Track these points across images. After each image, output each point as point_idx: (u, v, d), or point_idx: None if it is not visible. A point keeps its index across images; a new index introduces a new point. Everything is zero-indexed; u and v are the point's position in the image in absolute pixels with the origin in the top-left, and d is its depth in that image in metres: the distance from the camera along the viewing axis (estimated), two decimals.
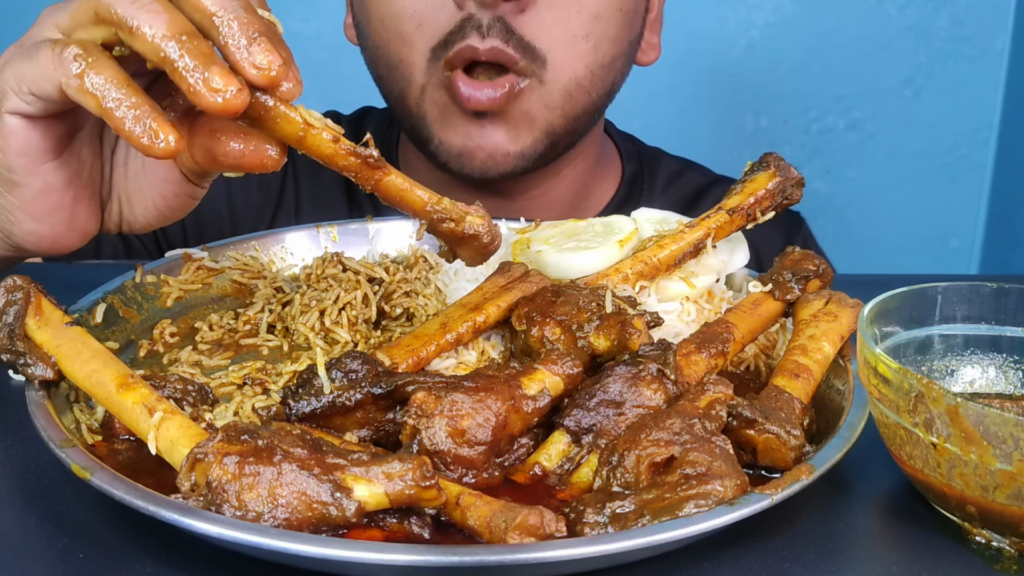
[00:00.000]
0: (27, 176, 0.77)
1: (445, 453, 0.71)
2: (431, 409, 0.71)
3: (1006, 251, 2.52)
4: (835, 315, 0.87)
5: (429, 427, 0.71)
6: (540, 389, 0.75)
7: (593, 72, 1.18)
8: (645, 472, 0.67)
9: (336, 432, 0.76)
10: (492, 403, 0.72)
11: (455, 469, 0.71)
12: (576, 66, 1.16)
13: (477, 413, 0.72)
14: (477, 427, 0.72)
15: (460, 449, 0.71)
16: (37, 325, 0.78)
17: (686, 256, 0.94)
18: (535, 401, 0.75)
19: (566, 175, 1.34)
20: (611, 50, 1.19)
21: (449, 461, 0.71)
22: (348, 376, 0.76)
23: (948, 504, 0.70)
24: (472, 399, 0.72)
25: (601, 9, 1.15)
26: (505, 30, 1.11)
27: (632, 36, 1.24)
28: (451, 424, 0.71)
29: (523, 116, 1.18)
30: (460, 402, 0.72)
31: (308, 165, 1.39)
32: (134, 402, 0.71)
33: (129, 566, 0.65)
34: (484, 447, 0.72)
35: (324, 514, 0.62)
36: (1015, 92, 2.45)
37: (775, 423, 0.72)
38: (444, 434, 0.71)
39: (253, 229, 1.34)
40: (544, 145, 1.21)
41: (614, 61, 1.20)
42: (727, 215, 0.96)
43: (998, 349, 0.83)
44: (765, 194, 0.97)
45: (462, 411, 0.71)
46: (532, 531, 0.62)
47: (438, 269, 1.04)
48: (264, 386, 0.85)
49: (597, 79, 1.19)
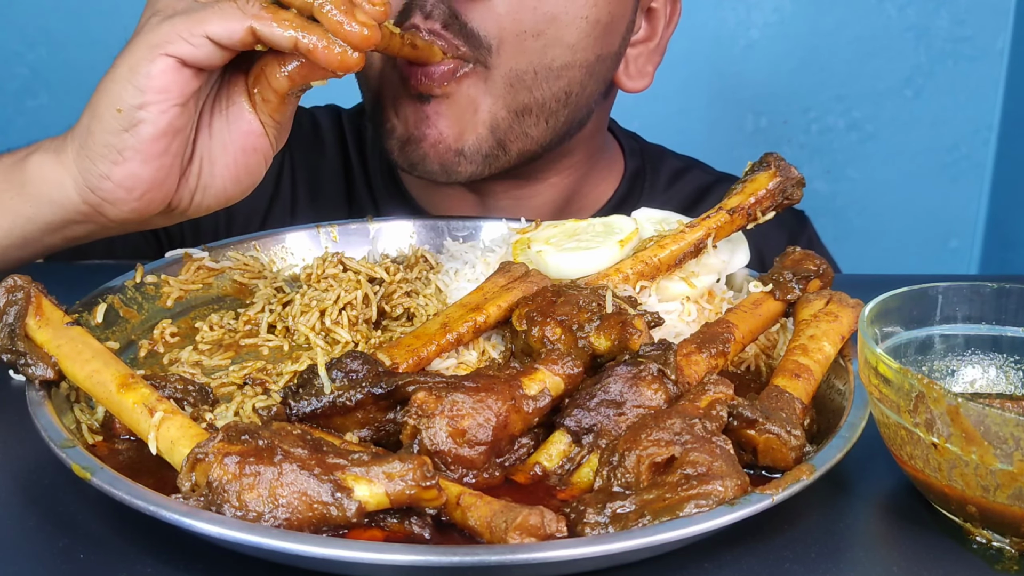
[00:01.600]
0: (157, 115, 0.85)
1: (446, 453, 0.71)
2: (432, 409, 0.71)
3: (1006, 251, 2.52)
4: (836, 315, 0.87)
5: (430, 427, 0.71)
6: (541, 389, 0.75)
7: (537, 71, 1.14)
8: (645, 472, 0.67)
9: (336, 432, 0.76)
10: (493, 403, 0.72)
11: (455, 469, 0.71)
12: (519, 59, 1.13)
13: (478, 413, 0.72)
14: (478, 427, 0.71)
15: (461, 449, 0.71)
16: (38, 325, 0.78)
17: (687, 256, 0.94)
18: (535, 401, 0.75)
19: (554, 182, 1.32)
20: (564, 56, 1.15)
21: (450, 461, 0.71)
22: (348, 376, 0.76)
23: (948, 504, 0.70)
24: (473, 399, 0.72)
25: (561, 12, 1.12)
26: (448, 14, 1.09)
27: (603, 51, 1.19)
28: (452, 424, 0.71)
29: (467, 103, 1.14)
30: (461, 402, 0.72)
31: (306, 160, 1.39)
32: (135, 402, 0.71)
33: (129, 566, 0.65)
34: (484, 447, 0.72)
35: (325, 514, 0.62)
36: (1015, 92, 2.45)
37: (776, 423, 0.72)
38: (445, 434, 0.71)
39: (247, 224, 1.34)
40: (489, 144, 1.17)
41: (566, 68, 1.16)
42: (727, 215, 0.96)
43: (999, 349, 0.83)
44: (765, 194, 0.97)
45: (463, 411, 0.71)
46: (533, 531, 0.62)
47: (438, 269, 1.04)
48: (264, 386, 0.85)
49: (541, 79, 1.15)
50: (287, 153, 1.38)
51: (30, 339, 0.78)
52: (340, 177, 1.40)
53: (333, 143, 1.41)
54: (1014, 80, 2.45)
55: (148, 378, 0.76)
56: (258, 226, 1.36)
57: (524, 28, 1.12)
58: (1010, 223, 2.50)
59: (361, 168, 1.40)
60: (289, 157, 1.38)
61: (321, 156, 1.40)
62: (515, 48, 1.12)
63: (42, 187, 0.91)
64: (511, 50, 1.12)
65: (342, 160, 1.40)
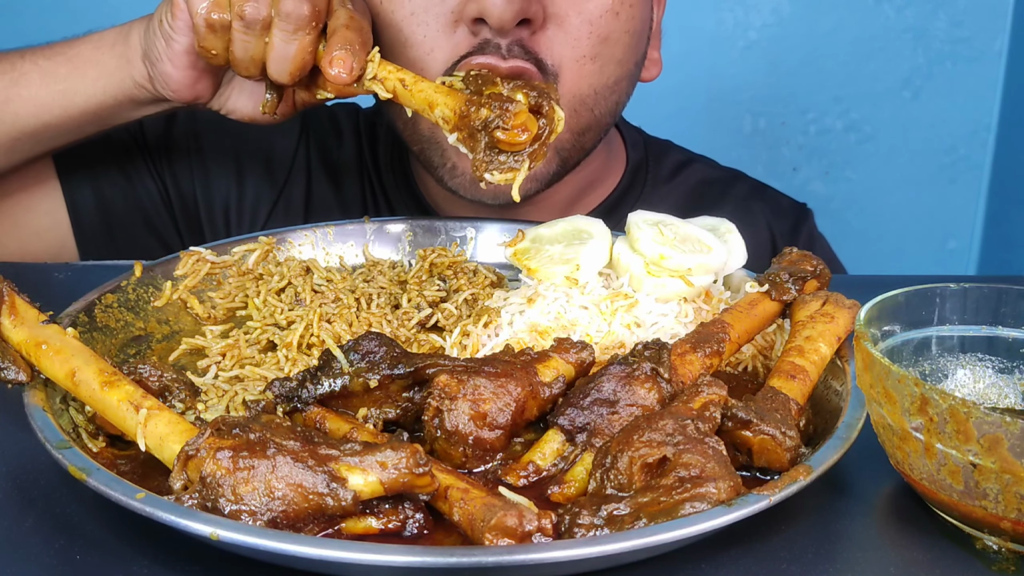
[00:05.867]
0: (179, 34, 1.04)
1: (466, 435, 0.72)
2: (454, 392, 0.73)
3: (1004, 252, 2.52)
4: (832, 316, 0.87)
5: (452, 409, 0.73)
6: (555, 376, 0.77)
7: (597, 91, 1.18)
8: (638, 473, 0.67)
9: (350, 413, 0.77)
10: (512, 388, 0.74)
11: (473, 452, 0.73)
12: (581, 84, 1.16)
13: (498, 398, 0.74)
14: (498, 411, 0.73)
15: (481, 431, 0.73)
16: (12, 325, 0.76)
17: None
18: (551, 388, 0.77)
19: (568, 180, 1.34)
20: (616, 72, 1.19)
21: (470, 443, 0.73)
22: (366, 358, 0.77)
23: (944, 506, 0.70)
24: (494, 384, 0.74)
25: (610, 31, 1.16)
26: (524, 51, 1.11)
27: (637, 57, 1.24)
28: (474, 408, 0.73)
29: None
30: (482, 386, 0.74)
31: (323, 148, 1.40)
32: (119, 399, 0.70)
33: (126, 566, 0.65)
34: (503, 431, 0.74)
35: (321, 504, 0.63)
36: (1013, 93, 2.45)
37: (770, 424, 0.72)
38: (467, 417, 0.73)
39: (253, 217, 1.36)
40: (556, 165, 1.21)
41: (618, 82, 1.20)
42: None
43: (995, 350, 0.83)
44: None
45: (484, 395, 0.73)
46: (509, 532, 0.62)
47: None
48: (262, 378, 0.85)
49: (600, 98, 1.19)
50: (305, 139, 1.41)
51: (4, 340, 0.76)
52: (354, 168, 1.43)
53: (350, 137, 1.44)
54: (1012, 81, 2.45)
55: (131, 373, 0.75)
56: (270, 207, 1.38)
57: (583, 53, 1.14)
58: (1008, 224, 2.50)
59: (373, 162, 1.42)
60: (305, 144, 1.41)
61: (339, 148, 1.43)
62: (576, 73, 1.15)
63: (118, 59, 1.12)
64: (572, 76, 1.15)
65: (357, 152, 1.43)
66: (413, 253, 1.15)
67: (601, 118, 1.22)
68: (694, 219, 1.03)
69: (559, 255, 0.99)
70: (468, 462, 0.74)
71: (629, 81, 1.24)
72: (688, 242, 0.98)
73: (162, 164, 1.35)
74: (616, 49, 1.17)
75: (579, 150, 1.23)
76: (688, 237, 0.98)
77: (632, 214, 1.01)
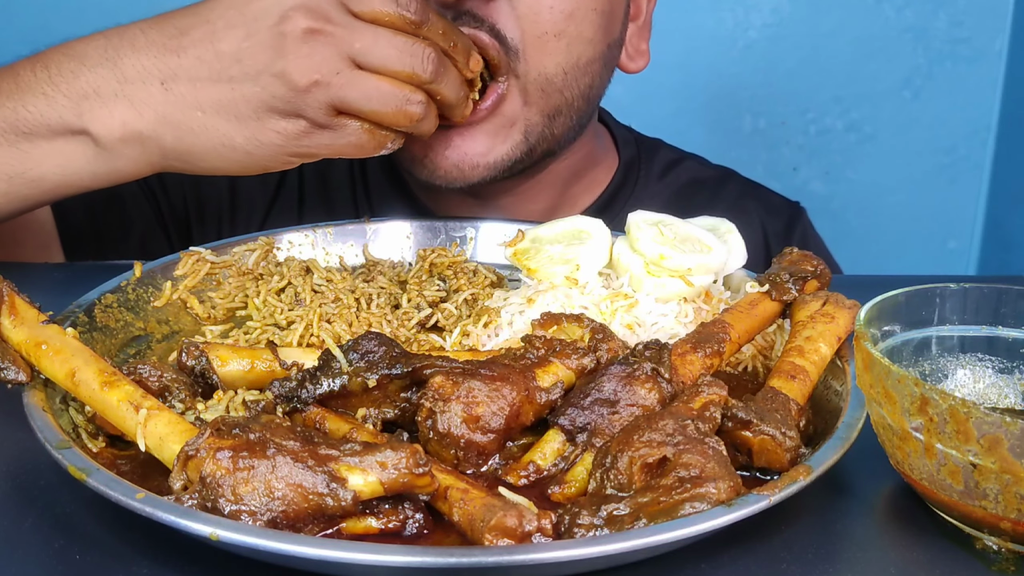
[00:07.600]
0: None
1: (458, 437, 0.72)
2: (448, 394, 0.73)
3: (1004, 252, 2.52)
4: (832, 316, 0.87)
5: (445, 411, 0.72)
6: (554, 382, 0.77)
7: (566, 71, 1.14)
8: (638, 473, 0.67)
9: (348, 412, 0.77)
10: (507, 392, 0.74)
11: (465, 455, 0.73)
12: (546, 62, 1.12)
13: (492, 401, 0.73)
14: (491, 415, 0.73)
15: (473, 435, 0.73)
16: (12, 325, 0.76)
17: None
18: (548, 393, 0.77)
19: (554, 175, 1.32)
20: (587, 51, 1.15)
21: (461, 445, 0.72)
22: (365, 358, 0.77)
23: (944, 506, 0.70)
24: (489, 387, 0.74)
25: (575, 8, 1.12)
26: (474, 19, 1.09)
27: (611, 39, 1.20)
28: (466, 410, 0.72)
29: (503, 121, 1.14)
30: (476, 389, 0.73)
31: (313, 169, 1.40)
32: (119, 399, 0.70)
33: (126, 567, 0.65)
34: (496, 435, 0.73)
35: (321, 504, 0.63)
36: (1013, 93, 2.45)
37: (770, 424, 0.72)
38: (459, 419, 0.72)
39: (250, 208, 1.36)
40: (522, 151, 1.17)
41: (590, 63, 1.16)
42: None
43: (995, 350, 0.83)
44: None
45: (478, 398, 0.73)
46: (508, 533, 0.62)
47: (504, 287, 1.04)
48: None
49: (571, 79, 1.15)
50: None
51: (4, 340, 0.76)
52: (346, 172, 1.41)
53: None
54: (1012, 81, 2.45)
55: (131, 372, 0.75)
56: (264, 212, 1.38)
57: (545, 29, 1.11)
58: (1008, 224, 2.50)
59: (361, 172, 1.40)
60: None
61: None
62: (539, 50, 1.11)
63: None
64: (536, 53, 1.11)
65: (347, 161, 1.41)
66: (413, 253, 1.15)
67: (572, 101, 1.18)
68: (694, 219, 1.03)
69: (559, 255, 0.99)
70: (460, 464, 0.73)
71: (603, 64, 1.20)
72: (688, 242, 0.98)
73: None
74: (584, 27, 1.13)
75: (549, 137, 1.19)
76: (688, 237, 0.98)
77: (632, 214, 1.01)
